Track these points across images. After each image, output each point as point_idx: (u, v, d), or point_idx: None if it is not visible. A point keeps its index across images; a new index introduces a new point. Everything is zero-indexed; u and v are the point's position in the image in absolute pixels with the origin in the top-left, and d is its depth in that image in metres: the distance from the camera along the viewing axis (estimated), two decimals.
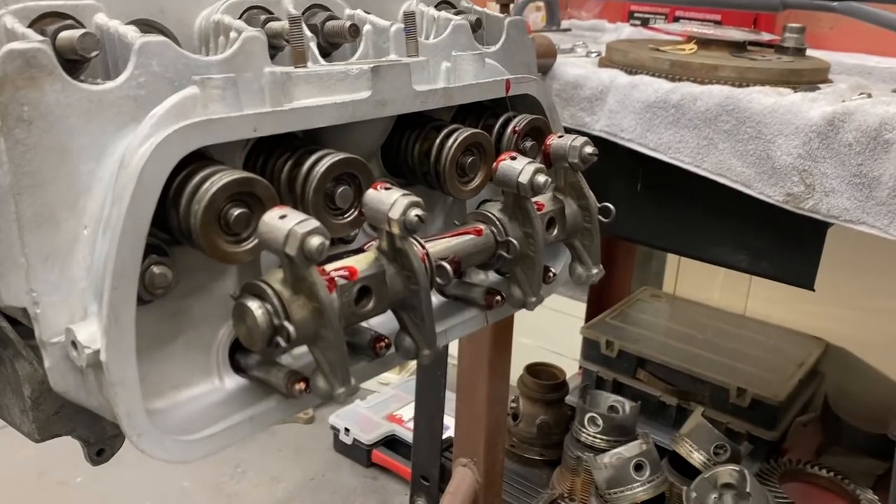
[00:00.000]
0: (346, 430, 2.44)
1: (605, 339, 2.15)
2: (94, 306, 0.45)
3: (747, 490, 1.53)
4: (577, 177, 0.62)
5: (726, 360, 2.18)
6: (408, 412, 2.41)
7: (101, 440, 0.73)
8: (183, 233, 0.46)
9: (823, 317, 2.33)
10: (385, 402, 2.55)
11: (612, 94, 1.51)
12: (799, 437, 2.12)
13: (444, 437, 1.78)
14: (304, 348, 0.48)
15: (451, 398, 1.66)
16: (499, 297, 0.59)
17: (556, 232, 0.61)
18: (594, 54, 1.69)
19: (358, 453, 2.44)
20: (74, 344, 0.44)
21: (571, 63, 1.60)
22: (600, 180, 1.58)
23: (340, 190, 0.50)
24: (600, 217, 0.64)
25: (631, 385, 2.11)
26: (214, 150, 0.50)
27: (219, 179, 0.44)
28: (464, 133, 0.58)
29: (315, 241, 0.41)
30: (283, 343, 0.44)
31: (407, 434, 2.32)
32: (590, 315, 2.47)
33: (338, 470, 2.45)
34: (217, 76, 0.47)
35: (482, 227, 0.58)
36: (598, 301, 2.47)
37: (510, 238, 0.57)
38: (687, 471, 1.75)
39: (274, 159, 0.51)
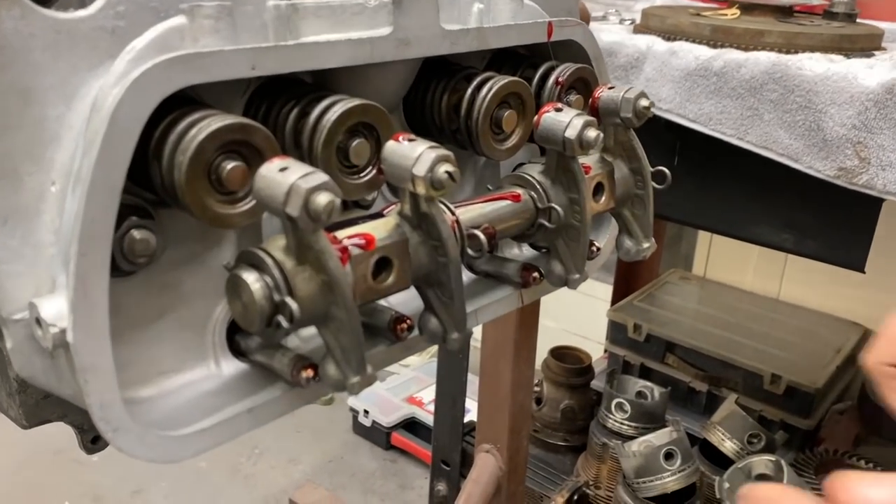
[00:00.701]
0: (366, 411, 2.39)
1: (633, 323, 2.07)
2: (63, 277, 0.38)
3: (784, 481, 1.45)
4: (629, 135, 0.54)
5: (759, 346, 2.09)
6: (428, 395, 2.35)
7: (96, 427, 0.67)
8: (167, 191, 0.38)
9: (862, 301, 2.23)
10: (405, 384, 2.49)
11: (648, 61, 1.42)
12: (835, 426, 2.03)
13: (466, 420, 1.72)
14: (314, 329, 0.41)
15: (473, 381, 1.59)
16: (536, 274, 0.51)
17: (603, 199, 0.53)
18: (628, 22, 1.59)
19: (377, 436, 2.39)
20: (39, 321, 0.37)
21: (605, 29, 1.51)
22: None
23: (355, 143, 0.42)
24: (654, 183, 0.56)
25: (659, 370, 2.03)
26: (208, 96, 0.43)
27: (208, 125, 0.37)
28: (500, 81, 0.50)
29: (323, 198, 0.34)
30: (285, 323, 0.36)
31: (427, 417, 2.27)
32: (616, 297, 2.39)
33: (356, 452, 2.40)
34: (209, 3, 0.39)
35: (520, 191, 0.50)
36: (625, 283, 2.39)
37: (553, 204, 0.49)
38: (717, 460, 1.68)
39: (278, 107, 0.44)
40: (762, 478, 1.48)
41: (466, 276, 0.55)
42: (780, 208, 1.35)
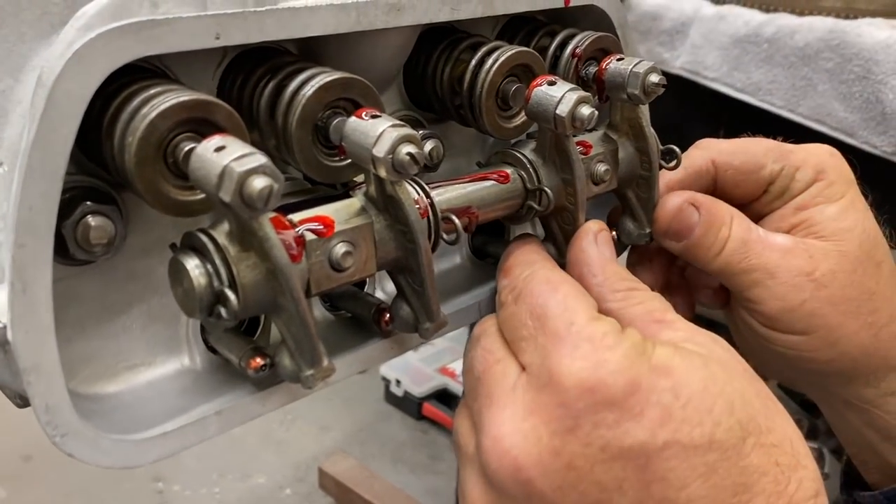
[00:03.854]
0: (398, 381, 2.37)
1: None
2: (8, 272, 0.34)
3: (825, 471, 1.39)
4: (636, 112, 0.48)
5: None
6: (460, 366, 2.32)
7: None
8: (120, 174, 0.35)
9: None
10: (438, 355, 2.47)
11: (695, 26, 1.33)
12: None
13: None
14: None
15: None
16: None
17: (605, 182, 0.48)
18: None
19: (409, 405, 2.37)
20: None
21: None
22: (677, 125, 1.42)
23: (336, 122, 0.38)
24: (662, 163, 0.50)
25: None
26: (177, 70, 0.39)
27: (162, 101, 0.33)
28: (507, 52, 0.45)
29: (259, 182, 0.29)
30: (224, 315, 0.33)
31: (459, 388, 2.24)
32: None
33: (388, 421, 2.39)
34: None
35: (509, 170, 0.45)
36: None
37: (543, 186, 0.45)
38: None
39: (254, 81, 0.40)
40: None
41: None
42: None
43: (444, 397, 2.37)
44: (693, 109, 1.36)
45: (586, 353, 0.37)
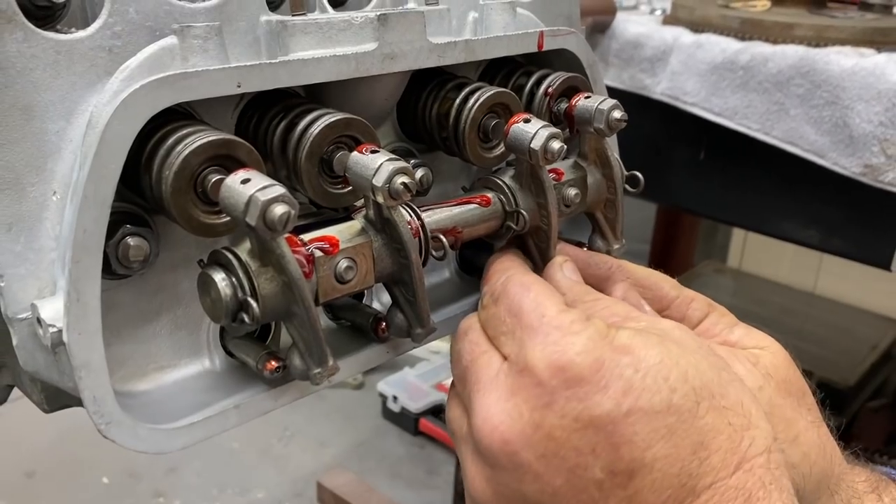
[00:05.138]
0: (395, 397, 2.42)
1: None
2: (63, 280, 0.40)
3: None
4: (602, 143, 0.55)
5: (792, 340, 2.06)
6: None
7: None
8: (157, 202, 0.41)
9: None
10: (434, 371, 2.52)
11: (675, 53, 1.41)
12: (868, 423, 2.00)
13: None
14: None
15: None
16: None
17: (575, 205, 0.55)
18: (658, 12, 1.58)
19: (406, 421, 2.42)
20: (39, 321, 0.40)
21: (633, 21, 1.50)
22: (660, 147, 1.49)
23: (339, 155, 0.44)
24: (627, 187, 0.57)
25: None
26: (201, 111, 0.45)
27: (193, 141, 0.39)
28: (487, 92, 0.52)
29: (279, 209, 0.36)
30: (247, 320, 0.39)
31: None
32: None
33: (385, 437, 2.44)
34: (199, 24, 0.41)
35: (490, 195, 0.52)
36: None
37: (520, 209, 0.51)
38: None
39: (269, 119, 0.46)
40: None
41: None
42: (806, 205, 1.33)
43: (441, 413, 2.42)
44: (675, 132, 1.43)
45: (556, 339, 0.42)
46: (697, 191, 1.46)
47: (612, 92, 1.44)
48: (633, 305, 0.50)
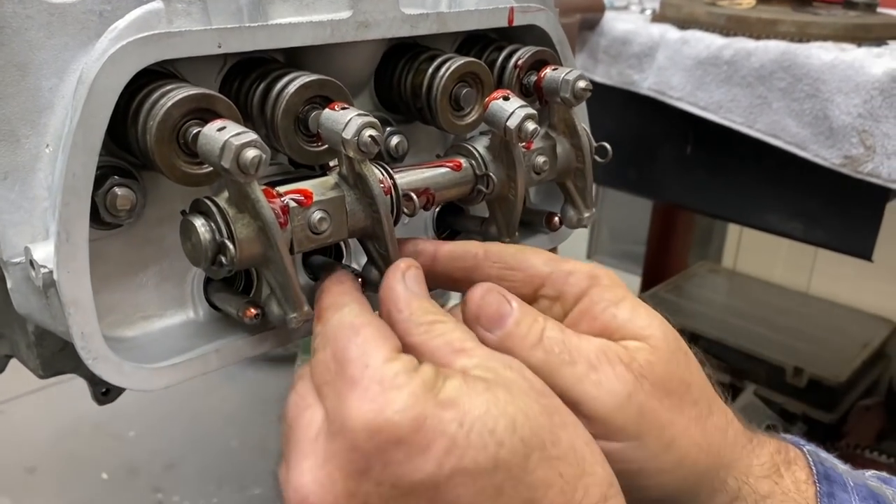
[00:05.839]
0: None
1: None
2: (54, 226, 0.43)
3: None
4: (570, 113, 0.58)
5: (785, 339, 2.09)
6: None
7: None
8: (143, 153, 0.44)
9: (893, 296, 2.20)
10: None
11: (661, 49, 1.44)
12: (860, 421, 2.02)
13: None
14: None
15: None
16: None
17: (545, 172, 0.58)
18: (648, 12, 1.62)
19: None
20: (32, 263, 0.43)
21: (621, 18, 1.53)
22: (648, 141, 1.52)
23: (314, 114, 0.47)
24: (596, 157, 0.59)
25: None
26: (187, 74, 0.49)
27: (175, 95, 0.42)
28: (458, 61, 0.55)
29: (251, 153, 0.39)
30: (225, 262, 0.42)
31: None
32: (644, 289, 2.40)
33: None
34: None
35: (462, 160, 0.55)
36: (653, 275, 2.40)
37: (489, 172, 0.54)
38: None
39: (248, 84, 0.49)
40: None
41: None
42: (790, 197, 1.36)
43: None
44: (662, 127, 1.46)
45: (374, 395, 0.38)
46: (684, 185, 1.49)
47: (602, 88, 1.47)
48: (487, 316, 0.46)
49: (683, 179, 1.49)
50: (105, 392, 0.76)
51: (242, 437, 2.39)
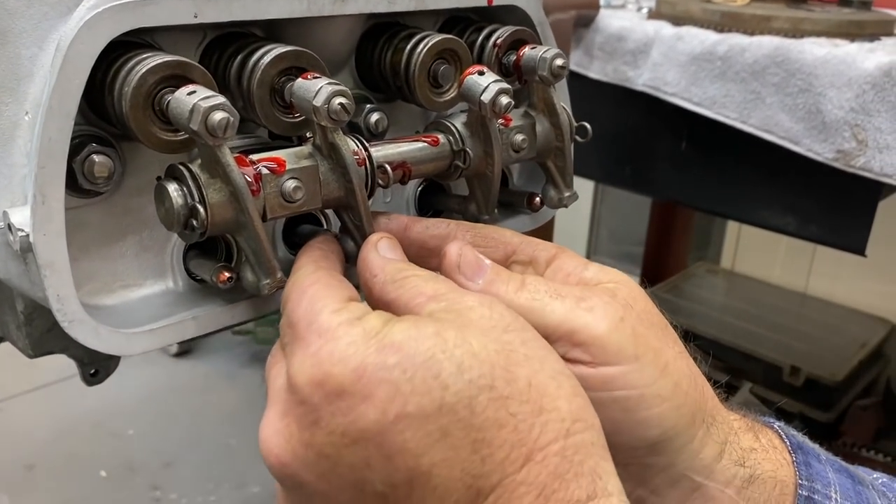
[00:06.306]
0: None
1: None
2: (31, 190, 0.44)
3: None
4: (549, 92, 0.58)
5: (782, 339, 2.09)
6: None
7: (96, 360, 0.74)
8: (118, 120, 0.45)
9: (891, 296, 2.20)
10: None
11: (656, 46, 1.45)
12: (857, 420, 2.02)
13: None
14: None
15: None
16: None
17: (524, 150, 0.58)
18: (644, 10, 1.62)
19: None
20: (10, 227, 0.43)
21: (616, 15, 1.54)
22: (644, 137, 1.53)
23: (288, 85, 0.48)
24: (577, 137, 0.60)
25: None
26: (166, 46, 0.49)
27: (150, 61, 0.43)
28: (435, 38, 0.55)
29: (218, 115, 0.40)
30: (196, 225, 0.42)
31: None
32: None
33: None
34: None
35: (439, 136, 0.55)
36: (652, 275, 2.41)
37: (465, 147, 0.54)
38: None
39: (227, 57, 0.50)
40: None
41: None
42: (783, 192, 1.36)
43: None
44: (657, 123, 1.46)
45: (315, 350, 0.39)
46: (679, 181, 1.50)
47: (597, 84, 1.47)
48: (467, 263, 0.47)
49: (678, 176, 1.49)
50: (94, 373, 0.77)
51: (240, 436, 2.40)
